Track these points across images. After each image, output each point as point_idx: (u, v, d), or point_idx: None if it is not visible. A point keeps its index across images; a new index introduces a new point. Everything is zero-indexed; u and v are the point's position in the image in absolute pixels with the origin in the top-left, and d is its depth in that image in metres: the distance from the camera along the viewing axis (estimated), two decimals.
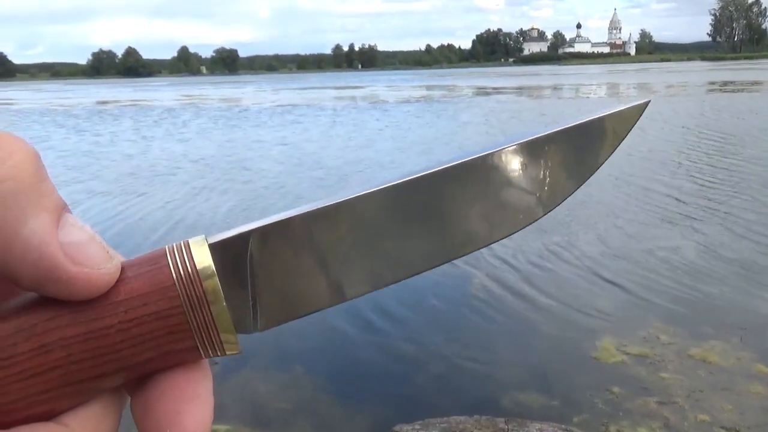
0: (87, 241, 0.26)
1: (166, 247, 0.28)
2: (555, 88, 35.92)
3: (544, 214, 0.33)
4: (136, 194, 8.49)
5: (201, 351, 0.28)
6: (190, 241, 0.28)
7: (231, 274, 0.29)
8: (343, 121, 18.68)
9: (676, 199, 7.13)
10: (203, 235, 0.29)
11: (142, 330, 0.27)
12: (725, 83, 33.25)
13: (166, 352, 0.27)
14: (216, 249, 0.28)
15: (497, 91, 34.43)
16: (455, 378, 3.39)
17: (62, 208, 0.26)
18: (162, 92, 49.12)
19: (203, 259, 0.28)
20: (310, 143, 13.57)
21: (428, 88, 41.21)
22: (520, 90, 34.76)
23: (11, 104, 36.11)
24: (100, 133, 17.30)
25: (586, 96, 28.09)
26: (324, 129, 16.58)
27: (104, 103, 34.73)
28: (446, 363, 3.55)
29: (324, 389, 3.35)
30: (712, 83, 33.97)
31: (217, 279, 0.28)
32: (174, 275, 0.27)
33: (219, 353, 0.29)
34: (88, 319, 0.26)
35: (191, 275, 0.27)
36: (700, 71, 56.29)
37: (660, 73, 53.69)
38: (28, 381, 0.25)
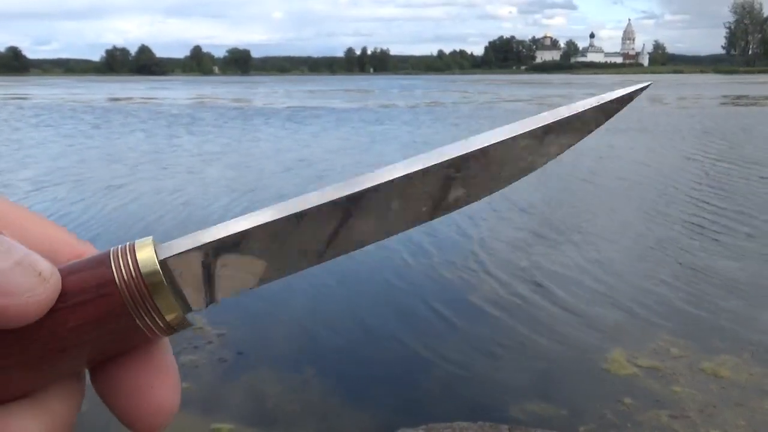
0: (9, 268, 0.25)
1: (111, 250, 0.28)
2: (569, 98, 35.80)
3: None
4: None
5: (152, 338, 0.28)
6: (135, 244, 0.28)
7: (179, 278, 0.28)
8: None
9: (690, 211, 7.06)
10: (150, 237, 0.29)
11: (92, 347, 0.27)
12: (739, 97, 33.04)
13: (118, 351, 0.28)
14: (164, 256, 0.28)
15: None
16: (461, 384, 3.35)
17: None
18: (177, 91, 49.35)
19: (149, 264, 0.27)
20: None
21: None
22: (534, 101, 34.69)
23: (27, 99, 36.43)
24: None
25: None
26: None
27: (117, 100, 34.91)
28: (452, 369, 3.50)
29: (328, 391, 3.31)
30: (726, 96, 33.76)
31: (164, 282, 0.27)
32: (118, 282, 0.27)
33: (169, 335, 0.29)
34: (33, 344, 0.26)
35: (136, 281, 0.27)
36: (715, 84, 55.97)
37: (674, 86, 53.42)
38: None
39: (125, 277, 0.27)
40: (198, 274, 0.29)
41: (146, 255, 0.27)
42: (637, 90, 0.35)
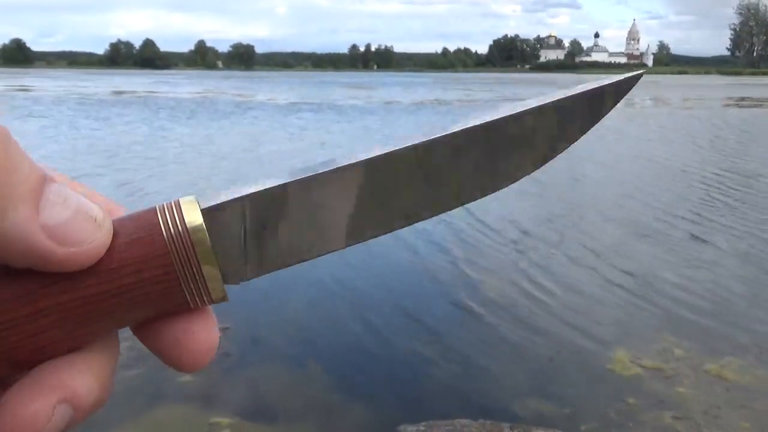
0: (71, 217, 0.26)
1: (157, 206, 0.29)
2: None
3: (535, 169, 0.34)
4: None
5: (191, 304, 0.29)
6: (181, 201, 0.29)
7: (221, 235, 0.29)
8: None
9: (693, 212, 7.03)
10: (194, 196, 0.30)
11: (135, 294, 0.28)
12: (742, 98, 32.96)
13: (159, 310, 0.29)
14: (208, 212, 0.29)
15: None
16: (463, 382, 3.33)
17: (40, 186, 0.26)
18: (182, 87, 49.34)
19: (194, 220, 0.28)
20: None
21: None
22: None
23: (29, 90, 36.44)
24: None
25: None
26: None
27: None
28: (454, 366, 3.49)
29: (329, 387, 3.29)
30: (730, 98, 33.68)
31: (208, 240, 0.29)
32: (166, 237, 0.28)
33: (207, 303, 0.30)
34: (83, 286, 0.27)
35: (182, 237, 0.28)
36: (720, 86, 55.84)
37: (677, 88, 53.26)
38: (28, 340, 0.27)
39: (171, 227, 0.28)
40: (240, 232, 0.30)
41: (191, 208, 0.29)
42: (629, 78, 0.34)
